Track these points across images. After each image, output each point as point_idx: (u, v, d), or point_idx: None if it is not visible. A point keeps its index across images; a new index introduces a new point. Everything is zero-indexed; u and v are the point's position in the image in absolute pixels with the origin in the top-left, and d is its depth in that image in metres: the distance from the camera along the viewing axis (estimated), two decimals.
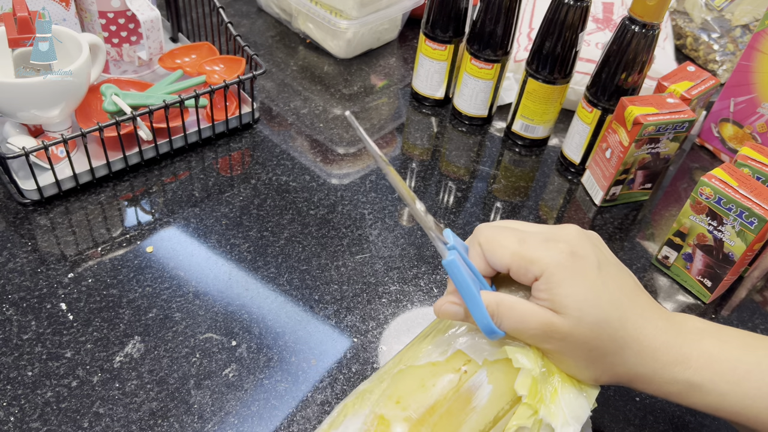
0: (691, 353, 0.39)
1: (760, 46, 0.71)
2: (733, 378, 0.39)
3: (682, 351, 0.39)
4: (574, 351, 0.38)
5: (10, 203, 0.61)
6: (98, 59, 0.65)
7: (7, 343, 0.50)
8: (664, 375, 0.39)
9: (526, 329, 0.38)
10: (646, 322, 0.39)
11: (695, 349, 0.40)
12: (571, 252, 0.38)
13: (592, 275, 0.38)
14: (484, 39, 0.71)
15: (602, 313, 0.38)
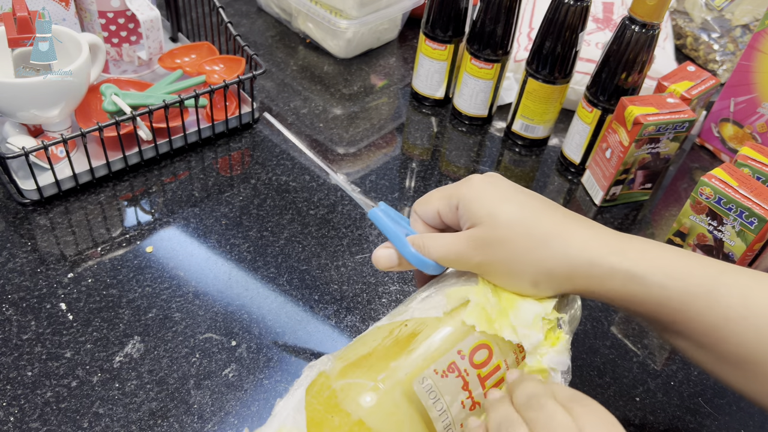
0: (626, 246, 0.39)
1: (761, 45, 0.71)
2: (673, 272, 0.38)
3: (617, 243, 0.39)
4: (500, 256, 0.40)
5: (10, 203, 0.61)
6: (98, 59, 0.65)
7: (6, 343, 0.50)
8: (602, 265, 0.38)
9: (451, 251, 0.41)
10: (567, 220, 0.40)
11: (629, 243, 0.39)
12: (485, 177, 0.42)
13: (504, 187, 0.41)
14: (484, 39, 0.71)
15: (515, 212, 0.40)
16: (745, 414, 0.53)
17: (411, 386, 0.39)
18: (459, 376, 0.39)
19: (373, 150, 0.74)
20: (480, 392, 0.40)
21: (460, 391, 0.39)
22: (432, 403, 0.38)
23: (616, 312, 0.59)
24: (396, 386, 0.39)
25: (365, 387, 0.39)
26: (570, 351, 0.41)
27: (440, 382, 0.39)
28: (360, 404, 0.38)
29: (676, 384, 0.54)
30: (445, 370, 0.39)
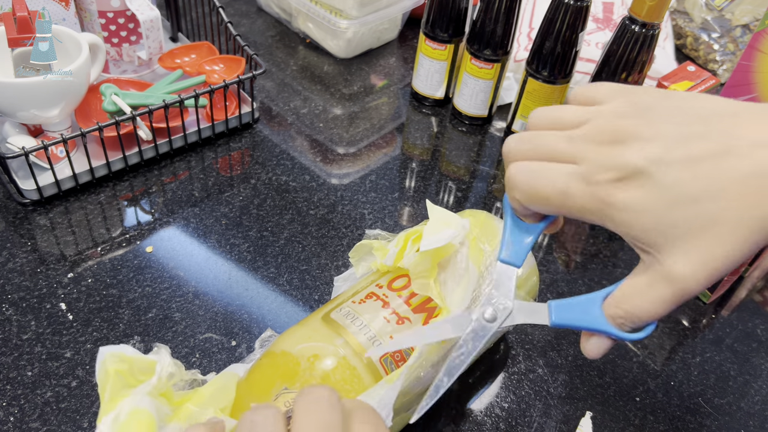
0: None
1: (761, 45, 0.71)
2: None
3: None
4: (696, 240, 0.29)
5: (10, 203, 0.61)
6: (98, 59, 0.65)
7: (6, 343, 0.50)
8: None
9: (658, 300, 0.31)
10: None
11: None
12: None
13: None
14: (484, 39, 0.71)
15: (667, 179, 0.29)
16: (746, 414, 0.53)
17: (329, 316, 0.42)
18: (377, 299, 0.43)
19: (373, 150, 0.74)
20: (406, 309, 0.42)
21: (380, 309, 0.42)
22: (350, 321, 0.41)
23: None
24: (316, 319, 0.43)
25: (292, 330, 0.43)
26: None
27: (358, 307, 0.42)
28: (283, 340, 0.42)
29: (676, 384, 0.54)
30: (363, 299, 0.43)
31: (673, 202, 0.28)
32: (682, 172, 0.28)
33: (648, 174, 0.28)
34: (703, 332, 0.59)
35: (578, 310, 0.34)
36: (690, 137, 0.28)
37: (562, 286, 0.61)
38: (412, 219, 0.66)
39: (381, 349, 0.40)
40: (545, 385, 0.53)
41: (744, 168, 0.27)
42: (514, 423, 0.50)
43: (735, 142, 0.27)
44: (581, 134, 0.31)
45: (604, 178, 0.29)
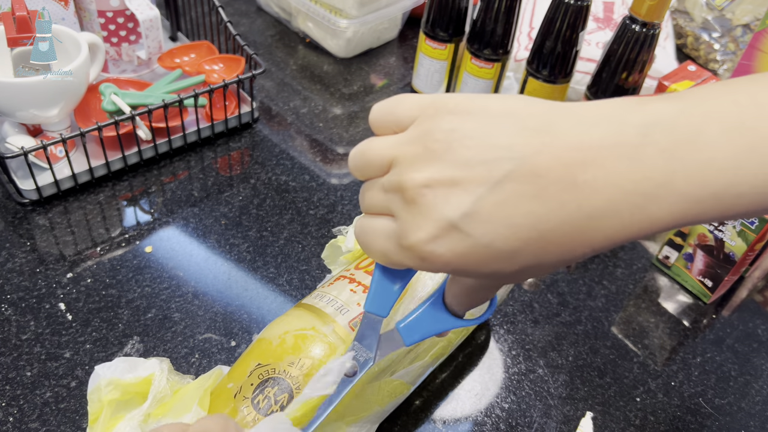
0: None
1: (761, 45, 0.71)
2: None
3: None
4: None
5: (9, 203, 0.61)
6: (97, 58, 0.65)
7: (5, 343, 0.50)
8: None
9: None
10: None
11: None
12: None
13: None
14: (485, 38, 0.71)
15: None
16: (746, 414, 0.52)
17: (302, 302, 0.45)
18: (344, 279, 0.46)
19: None
20: (365, 277, 0.45)
21: (347, 285, 0.45)
22: (318, 300, 0.44)
23: (617, 312, 0.59)
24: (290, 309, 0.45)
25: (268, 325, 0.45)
26: None
27: (327, 289, 0.45)
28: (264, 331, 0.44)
29: (676, 384, 0.54)
30: (331, 282, 0.46)
31: (493, 256, 0.27)
32: (495, 227, 0.26)
33: (459, 229, 0.26)
34: (703, 332, 0.59)
35: (425, 321, 0.34)
36: (498, 179, 0.26)
37: (562, 286, 0.61)
38: None
39: (350, 314, 0.43)
40: (545, 385, 0.52)
41: (556, 216, 0.26)
42: (515, 423, 0.50)
43: (546, 182, 0.25)
44: (389, 184, 0.29)
45: (417, 239, 0.27)
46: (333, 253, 0.51)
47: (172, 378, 0.41)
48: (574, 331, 0.57)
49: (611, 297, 0.60)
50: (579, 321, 0.58)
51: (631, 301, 0.61)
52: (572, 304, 0.59)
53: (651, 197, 0.25)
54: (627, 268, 0.64)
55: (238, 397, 0.39)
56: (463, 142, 0.26)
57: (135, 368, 0.40)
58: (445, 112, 0.28)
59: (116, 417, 0.39)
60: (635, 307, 0.60)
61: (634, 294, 0.62)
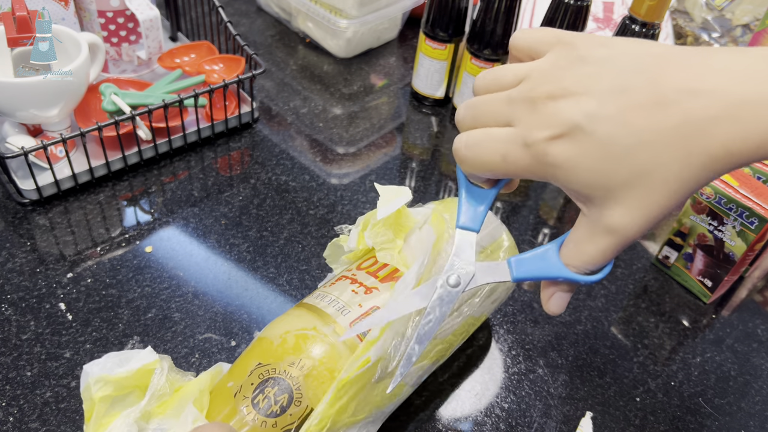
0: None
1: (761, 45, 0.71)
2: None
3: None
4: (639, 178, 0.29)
5: (9, 203, 0.61)
6: (97, 58, 0.65)
7: (6, 343, 0.50)
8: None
9: (599, 248, 0.33)
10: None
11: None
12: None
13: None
14: (485, 38, 0.71)
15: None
16: (746, 414, 0.53)
17: (303, 302, 0.45)
18: (346, 279, 0.45)
19: (373, 150, 0.73)
20: (374, 281, 0.44)
21: (349, 285, 0.44)
22: (319, 300, 0.44)
23: (616, 312, 0.59)
24: (291, 309, 0.45)
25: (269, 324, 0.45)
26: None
27: (328, 289, 0.45)
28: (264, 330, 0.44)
29: (676, 384, 0.54)
30: (332, 282, 0.46)
31: (608, 156, 0.28)
32: (615, 126, 0.28)
33: (582, 129, 0.28)
34: (703, 332, 0.59)
35: (537, 261, 0.35)
36: (622, 89, 0.28)
37: None
38: None
39: (351, 315, 0.42)
40: (545, 385, 0.52)
41: (672, 119, 0.27)
42: (515, 423, 0.50)
43: (665, 91, 0.28)
44: (518, 94, 0.31)
45: (539, 137, 0.29)
46: (335, 252, 0.51)
47: (173, 376, 0.41)
48: (574, 331, 0.57)
49: (611, 297, 0.61)
50: (579, 321, 0.58)
51: (631, 301, 0.61)
52: (572, 304, 0.59)
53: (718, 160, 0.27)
54: (627, 268, 0.64)
55: (238, 397, 0.39)
56: (595, 63, 0.29)
57: (127, 361, 0.40)
58: (580, 40, 0.31)
59: (111, 414, 0.39)
60: (635, 307, 0.60)
61: (634, 294, 0.62)
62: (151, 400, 0.39)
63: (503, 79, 0.33)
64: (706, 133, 0.27)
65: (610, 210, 0.30)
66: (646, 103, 0.28)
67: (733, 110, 0.26)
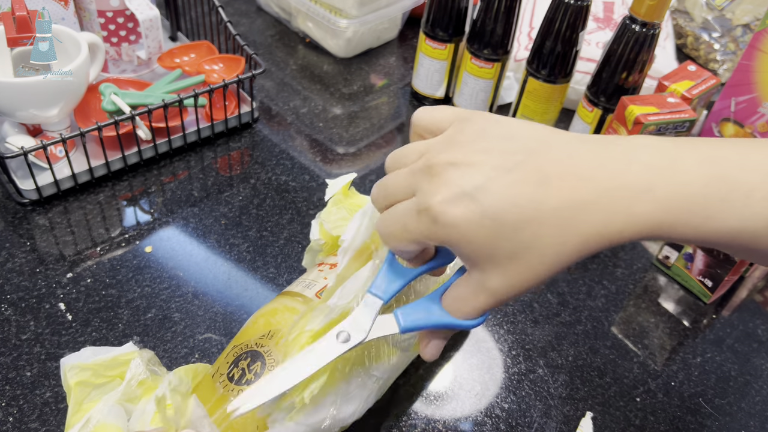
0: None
1: (761, 45, 0.71)
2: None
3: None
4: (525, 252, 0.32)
5: (9, 203, 0.61)
6: (97, 58, 0.65)
7: (5, 343, 0.50)
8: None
9: (479, 304, 0.35)
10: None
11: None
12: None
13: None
14: (485, 38, 0.71)
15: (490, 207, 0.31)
16: (746, 414, 0.52)
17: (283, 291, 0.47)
18: (315, 267, 0.48)
19: (372, 149, 0.73)
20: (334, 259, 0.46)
21: (316, 267, 0.48)
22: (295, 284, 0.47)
23: (617, 312, 0.59)
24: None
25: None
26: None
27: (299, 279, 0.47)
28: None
29: (676, 384, 0.54)
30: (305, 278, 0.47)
31: (493, 227, 0.31)
32: (501, 201, 0.30)
33: (471, 197, 0.31)
34: (703, 332, 0.59)
35: (421, 312, 0.37)
36: (510, 168, 0.31)
37: (562, 286, 0.61)
38: None
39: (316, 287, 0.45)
40: (545, 385, 0.52)
41: (552, 200, 0.30)
42: (515, 423, 0.50)
43: (547, 175, 0.31)
44: (418, 166, 0.33)
45: (434, 200, 0.31)
46: (312, 258, 0.52)
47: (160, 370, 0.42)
48: (574, 331, 0.57)
49: (611, 297, 0.60)
50: (579, 321, 0.58)
51: (631, 301, 0.61)
52: (572, 304, 0.59)
53: (634, 199, 0.30)
54: (627, 268, 0.64)
55: (215, 377, 0.41)
56: (486, 137, 0.32)
57: (105, 353, 0.41)
58: (476, 118, 0.34)
59: (94, 400, 0.40)
60: (635, 307, 0.60)
61: (634, 294, 0.62)
62: (131, 383, 0.40)
63: (408, 156, 0.35)
64: (580, 216, 0.30)
65: (491, 274, 0.32)
66: (530, 183, 0.30)
67: (603, 197, 0.30)
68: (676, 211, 0.29)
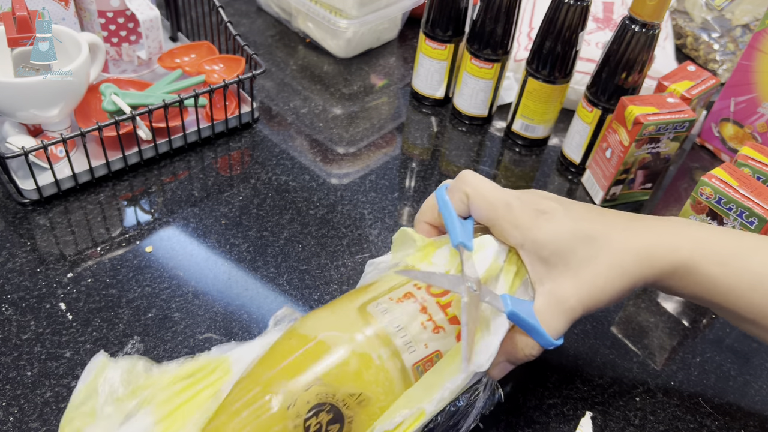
0: (678, 238, 0.43)
1: (761, 45, 0.71)
2: (723, 258, 0.42)
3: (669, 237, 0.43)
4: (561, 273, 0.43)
5: (9, 203, 0.61)
6: (97, 59, 0.65)
7: (6, 343, 0.50)
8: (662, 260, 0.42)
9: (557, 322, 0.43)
10: (606, 216, 0.45)
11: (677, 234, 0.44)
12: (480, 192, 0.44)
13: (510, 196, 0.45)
14: (484, 38, 0.71)
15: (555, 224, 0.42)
16: (746, 414, 0.53)
17: (366, 309, 0.41)
18: (416, 302, 0.41)
19: (373, 150, 0.74)
20: (442, 317, 0.41)
21: (419, 313, 0.41)
22: (387, 322, 0.40)
23: (616, 312, 0.59)
24: (351, 310, 0.41)
25: (322, 315, 0.42)
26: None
27: (395, 306, 0.41)
28: (315, 324, 0.41)
29: (676, 384, 0.54)
30: (400, 297, 0.42)
31: (574, 232, 0.42)
32: (580, 222, 0.43)
33: (558, 211, 0.43)
34: (703, 332, 0.59)
35: (525, 308, 0.40)
36: (584, 216, 0.44)
37: None
38: (412, 219, 0.65)
39: (416, 355, 0.40)
40: (545, 385, 0.52)
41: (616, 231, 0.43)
42: (514, 423, 0.50)
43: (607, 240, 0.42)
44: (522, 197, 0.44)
45: (532, 208, 0.43)
46: (404, 240, 0.47)
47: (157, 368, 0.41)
48: (574, 331, 0.57)
49: None
50: (579, 321, 0.58)
51: (631, 301, 0.61)
52: None
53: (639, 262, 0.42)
54: None
55: (291, 411, 0.36)
56: (567, 202, 0.46)
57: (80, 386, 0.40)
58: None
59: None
60: (635, 307, 0.60)
61: (634, 294, 0.62)
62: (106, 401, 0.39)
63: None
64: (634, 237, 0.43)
65: (560, 282, 0.42)
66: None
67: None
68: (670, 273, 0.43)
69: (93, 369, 0.41)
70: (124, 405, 0.39)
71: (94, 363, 0.41)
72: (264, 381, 0.38)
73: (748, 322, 0.43)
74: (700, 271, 0.42)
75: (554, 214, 0.42)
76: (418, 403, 0.38)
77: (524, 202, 0.43)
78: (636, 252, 0.41)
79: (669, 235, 0.43)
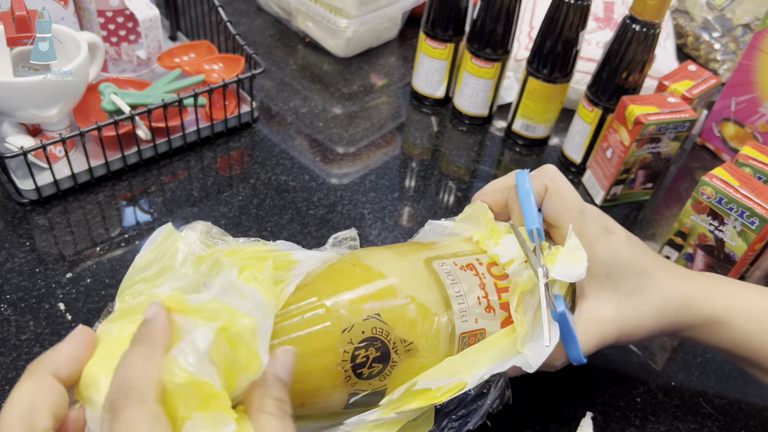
0: (715, 293, 0.45)
1: (762, 45, 0.71)
2: (754, 315, 0.43)
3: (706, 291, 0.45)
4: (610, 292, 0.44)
5: (9, 203, 0.61)
6: (97, 58, 0.65)
7: (5, 343, 0.50)
8: (694, 310, 0.44)
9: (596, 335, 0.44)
10: (654, 255, 0.46)
11: (717, 289, 0.45)
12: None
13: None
14: (485, 38, 0.71)
15: (615, 246, 0.44)
16: (746, 415, 0.52)
17: (431, 264, 0.42)
18: (477, 275, 0.42)
19: (373, 149, 0.73)
20: (495, 299, 0.42)
21: (477, 288, 0.42)
22: (450, 283, 0.41)
23: None
24: (417, 260, 0.42)
25: (387, 254, 0.42)
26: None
27: (459, 271, 0.42)
28: (381, 262, 0.41)
29: (677, 384, 0.54)
30: (464, 265, 0.42)
31: (632, 260, 0.43)
32: (638, 252, 0.44)
33: (622, 234, 0.44)
34: None
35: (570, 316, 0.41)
36: (641, 248, 0.45)
37: None
38: (412, 219, 0.65)
39: (466, 326, 0.41)
40: (545, 385, 0.52)
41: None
42: (515, 423, 0.50)
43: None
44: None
45: (601, 224, 0.44)
46: (473, 215, 0.47)
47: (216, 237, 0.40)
48: None
49: None
50: None
51: None
52: None
53: (679, 307, 0.44)
54: None
55: (345, 335, 0.37)
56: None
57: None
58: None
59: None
60: None
61: None
62: (184, 264, 0.38)
63: None
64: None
65: (602, 304, 0.44)
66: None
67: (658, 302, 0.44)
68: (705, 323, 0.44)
69: (159, 236, 0.39)
70: (200, 267, 0.38)
71: (161, 231, 0.39)
72: (325, 296, 0.38)
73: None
74: (734, 326, 0.43)
75: (619, 237, 0.43)
76: (460, 375, 0.39)
77: (594, 215, 0.44)
78: (678, 296, 0.43)
79: (706, 287, 0.44)
